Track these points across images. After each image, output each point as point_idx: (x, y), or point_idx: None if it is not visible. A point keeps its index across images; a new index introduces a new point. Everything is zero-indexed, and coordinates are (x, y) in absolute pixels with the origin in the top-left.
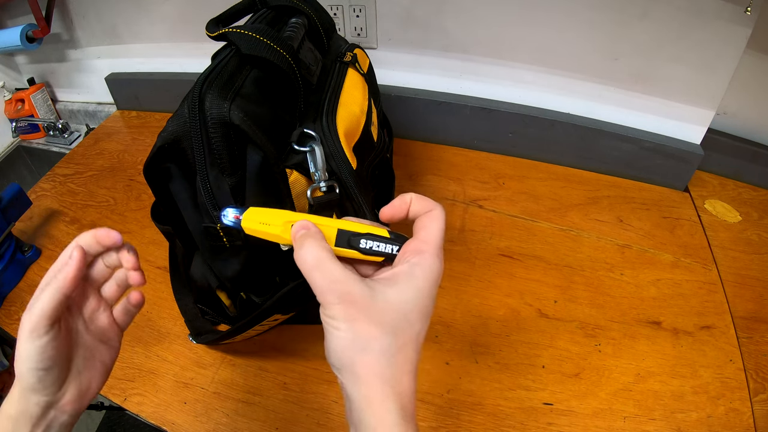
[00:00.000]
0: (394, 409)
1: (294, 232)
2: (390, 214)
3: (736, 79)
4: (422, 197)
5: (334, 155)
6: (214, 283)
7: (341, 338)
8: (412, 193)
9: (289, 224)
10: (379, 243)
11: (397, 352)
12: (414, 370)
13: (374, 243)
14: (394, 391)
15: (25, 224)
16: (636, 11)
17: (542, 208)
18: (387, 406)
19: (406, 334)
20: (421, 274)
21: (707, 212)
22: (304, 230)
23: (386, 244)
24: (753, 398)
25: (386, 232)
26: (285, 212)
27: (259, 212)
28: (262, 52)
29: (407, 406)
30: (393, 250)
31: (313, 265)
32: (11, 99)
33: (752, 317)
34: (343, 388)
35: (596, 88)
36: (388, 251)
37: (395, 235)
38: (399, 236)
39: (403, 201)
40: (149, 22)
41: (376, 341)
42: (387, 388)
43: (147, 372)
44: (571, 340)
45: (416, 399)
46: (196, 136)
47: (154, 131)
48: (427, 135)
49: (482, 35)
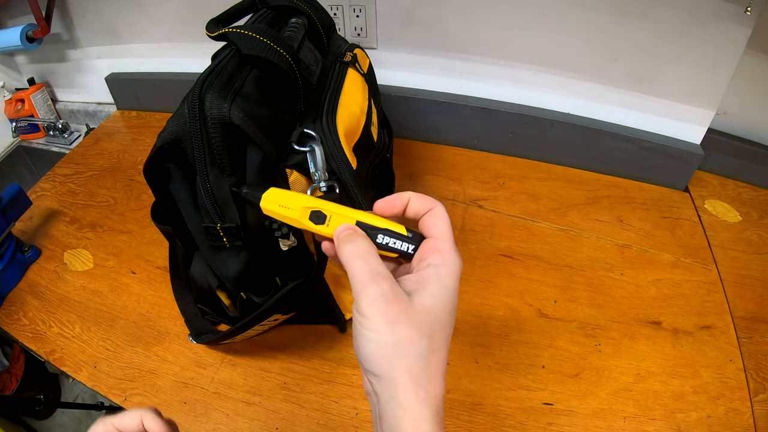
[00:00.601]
0: (428, 417)
1: (339, 232)
2: (383, 207)
3: (736, 79)
4: (421, 195)
5: (334, 155)
6: (214, 283)
7: (381, 342)
8: (411, 192)
9: (308, 210)
10: (396, 240)
11: (432, 355)
12: (445, 372)
13: (391, 239)
14: (429, 396)
15: (25, 224)
16: (636, 11)
17: (542, 208)
18: (423, 412)
19: (440, 336)
20: (447, 274)
21: (707, 212)
22: (351, 230)
23: (403, 242)
24: (753, 398)
25: (404, 229)
26: (305, 197)
27: (280, 194)
28: (262, 52)
29: (440, 409)
30: (409, 248)
31: (356, 254)
32: (11, 99)
33: (752, 317)
34: (375, 392)
35: (596, 88)
36: (404, 249)
37: (413, 233)
38: (416, 235)
39: (400, 198)
40: (149, 22)
41: (415, 346)
42: (422, 392)
43: (147, 372)
44: (571, 340)
45: None
46: (196, 136)
47: (154, 131)
48: (427, 135)
49: (482, 35)
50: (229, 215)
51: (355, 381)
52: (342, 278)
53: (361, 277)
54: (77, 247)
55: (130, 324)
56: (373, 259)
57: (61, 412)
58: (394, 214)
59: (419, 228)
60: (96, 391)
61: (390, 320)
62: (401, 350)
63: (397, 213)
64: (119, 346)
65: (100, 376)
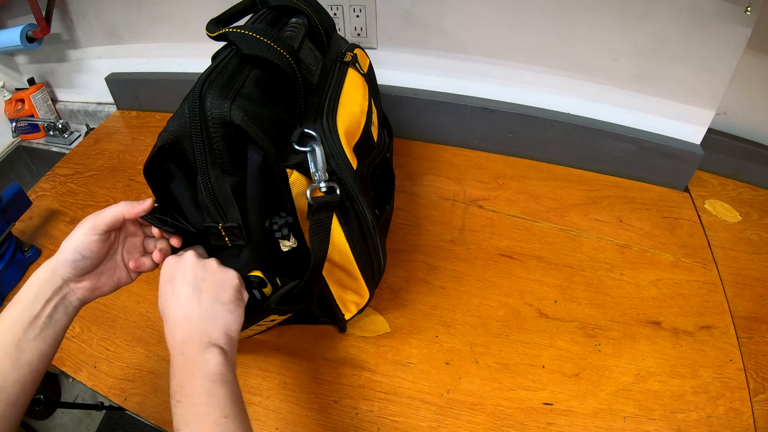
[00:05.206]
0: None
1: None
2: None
3: (736, 79)
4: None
5: (335, 155)
6: None
7: None
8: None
9: None
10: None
11: None
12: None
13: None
14: None
15: (25, 224)
16: (636, 11)
17: (542, 208)
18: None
19: None
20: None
21: (707, 212)
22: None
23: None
24: (753, 398)
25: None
26: None
27: None
28: (263, 52)
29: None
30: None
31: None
32: (11, 99)
33: (752, 317)
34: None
35: (596, 88)
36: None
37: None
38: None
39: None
40: (149, 22)
41: None
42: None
43: (147, 372)
44: (571, 340)
45: (416, 399)
46: (196, 136)
47: (154, 131)
48: (427, 135)
49: (482, 35)
50: (230, 215)
51: (354, 381)
52: (342, 278)
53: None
54: None
55: (130, 324)
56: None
57: (61, 412)
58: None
59: None
60: (96, 391)
61: None
62: None
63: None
64: (119, 346)
65: (100, 376)
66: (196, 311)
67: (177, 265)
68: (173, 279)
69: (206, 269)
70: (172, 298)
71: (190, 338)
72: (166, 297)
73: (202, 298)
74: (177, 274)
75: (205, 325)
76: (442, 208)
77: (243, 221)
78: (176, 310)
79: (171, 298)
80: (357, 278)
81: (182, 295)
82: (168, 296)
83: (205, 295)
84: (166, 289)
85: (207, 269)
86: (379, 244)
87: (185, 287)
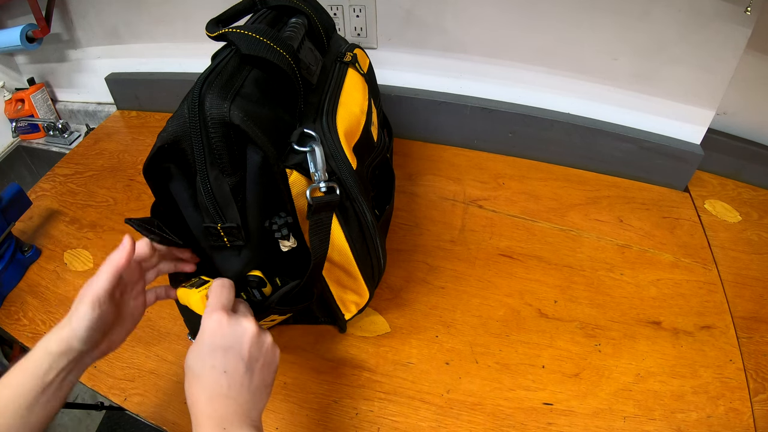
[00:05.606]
0: None
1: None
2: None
3: (736, 79)
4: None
5: (334, 155)
6: None
7: None
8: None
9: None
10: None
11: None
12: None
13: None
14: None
15: (25, 224)
16: (636, 11)
17: (542, 208)
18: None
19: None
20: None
21: (707, 212)
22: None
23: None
24: (753, 398)
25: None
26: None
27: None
28: (262, 52)
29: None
30: None
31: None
32: (11, 99)
33: (752, 317)
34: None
35: (596, 88)
36: None
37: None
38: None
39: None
40: (149, 23)
41: None
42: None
43: (147, 372)
44: (571, 340)
45: (416, 399)
46: (196, 137)
47: (154, 131)
48: (427, 135)
49: (482, 35)
50: (229, 215)
51: (354, 381)
52: (342, 278)
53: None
54: (77, 247)
55: None
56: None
57: (61, 412)
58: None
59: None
60: (96, 391)
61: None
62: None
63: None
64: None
65: (100, 376)
66: (244, 394)
67: (234, 334)
68: (227, 348)
69: (261, 349)
70: (219, 366)
71: (232, 415)
72: (212, 363)
73: (253, 380)
74: (233, 344)
75: (248, 406)
76: (442, 208)
77: (242, 221)
78: (222, 383)
79: (218, 366)
80: (357, 278)
81: (234, 371)
82: (215, 363)
83: (256, 377)
84: (214, 354)
85: (262, 350)
86: (379, 244)
87: (239, 364)
